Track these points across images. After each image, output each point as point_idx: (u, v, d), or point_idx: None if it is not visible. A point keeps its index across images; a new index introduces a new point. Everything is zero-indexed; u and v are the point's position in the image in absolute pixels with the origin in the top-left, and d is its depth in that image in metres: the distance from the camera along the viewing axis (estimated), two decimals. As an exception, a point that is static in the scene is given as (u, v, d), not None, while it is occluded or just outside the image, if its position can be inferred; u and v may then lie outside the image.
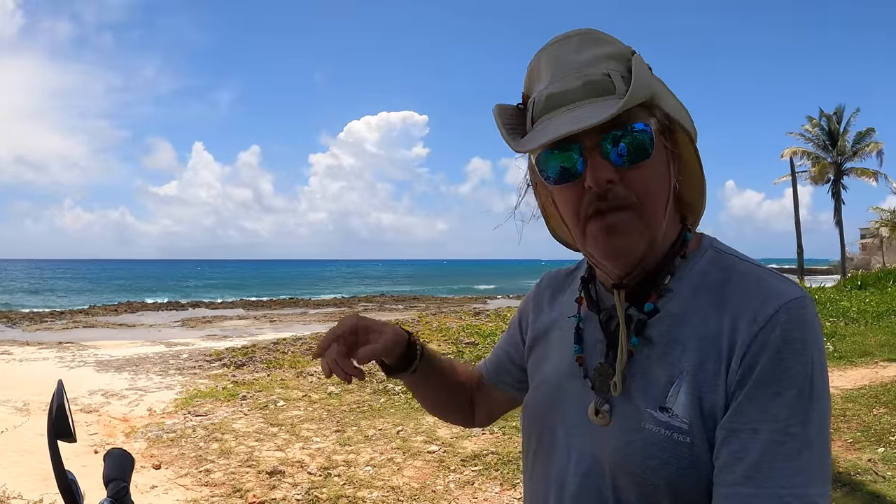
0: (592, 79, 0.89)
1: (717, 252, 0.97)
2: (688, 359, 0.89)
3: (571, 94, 0.89)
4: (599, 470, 0.95)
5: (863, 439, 6.03)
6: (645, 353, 0.94)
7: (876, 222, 45.30)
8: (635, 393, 0.93)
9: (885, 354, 10.26)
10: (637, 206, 0.90)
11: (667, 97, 0.94)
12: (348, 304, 35.59)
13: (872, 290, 19.68)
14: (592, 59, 0.90)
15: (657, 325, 0.94)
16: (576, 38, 0.92)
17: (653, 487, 0.88)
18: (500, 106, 0.99)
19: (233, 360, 11.67)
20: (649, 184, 0.90)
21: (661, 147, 0.92)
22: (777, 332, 0.83)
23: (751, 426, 0.83)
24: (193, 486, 5.51)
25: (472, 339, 12.52)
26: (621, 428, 0.93)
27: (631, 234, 0.90)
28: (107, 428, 7.40)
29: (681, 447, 0.87)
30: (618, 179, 0.89)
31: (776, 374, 0.83)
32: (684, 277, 0.95)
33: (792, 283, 0.90)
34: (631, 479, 0.90)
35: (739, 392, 0.84)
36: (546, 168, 0.93)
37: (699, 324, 0.90)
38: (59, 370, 11.33)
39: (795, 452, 0.80)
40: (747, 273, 0.92)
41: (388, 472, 5.72)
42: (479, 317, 18.00)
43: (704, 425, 0.86)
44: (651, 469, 0.88)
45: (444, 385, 1.27)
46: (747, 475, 0.81)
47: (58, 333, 20.20)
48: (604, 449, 0.94)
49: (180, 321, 24.74)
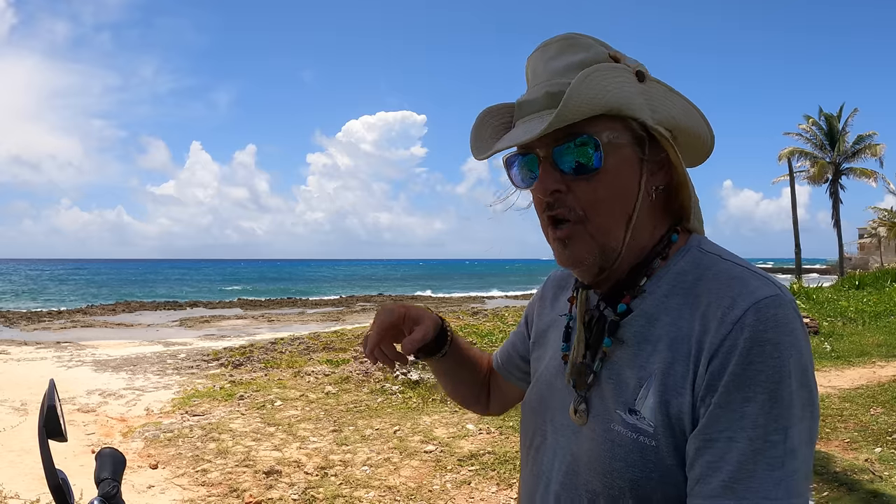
0: (552, 90, 0.90)
1: (701, 252, 0.95)
2: (658, 360, 0.88)
3: (534, 104, 0.92)
4: (576, 469, 0.96)
5: (860, 439, 6.03)
6: (618, 354, 0.94)
7: (874, 222, 45.36)
8: (608, 394, 0.93)
9: (883, 354, 10.28)
10: (582, 218, 0.91)
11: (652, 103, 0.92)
12: (346, 303, 35.52)
13: (870, 290, 19.70)
14: (564, 67, 0.91)
15: (630, 326, 0.93)
16: (556, 45, 0.94)
17: (619, 489, 0.88)
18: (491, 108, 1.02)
19: (230, 360, 11.65)
20: (598, 195, 0.90)
21: (626, 157, 0.91)
22: (746, 334, 0.80)
23: (725, 434, 0.79)
24: (190, 485, 5.50)
25: (471, 338, 12.52)
26: (594, 428, 0.94)
27: (579, 245, 0.92)
28: (104, 428, 7.39)
29: (646, 450, 0.86)
30: (566, 189, 0.91)
31: (746, 379, 0.79)
32: (662, 278, 0.94)
33: (768, 281, 0.86)
34: (600, 479, 0.91)
35: (710, 398, 0.81)
36: (510, 172, 0.99)
37: (670, 324, 0.89)
38: (57, 370, 11.31)
39: (778, 462, 0.77)
40: (722, 272, 0.89)
41: (384, 471, 5.71)
42: (478, 316, 17.99)
43: (671, 429, 0.85)
44: (616, 471, 0.88)
45: (468, 371, 1.31)
46: (726, 486, 0.78)
47: (55, 333, 20.16)
48: (580, 448, 0.95)
49: (178, 321, 24.68)
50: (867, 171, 36.43)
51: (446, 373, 1.29)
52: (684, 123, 0.95)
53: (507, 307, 22.29)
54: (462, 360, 1.28)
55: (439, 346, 1.20)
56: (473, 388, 1.35)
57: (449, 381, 1.33)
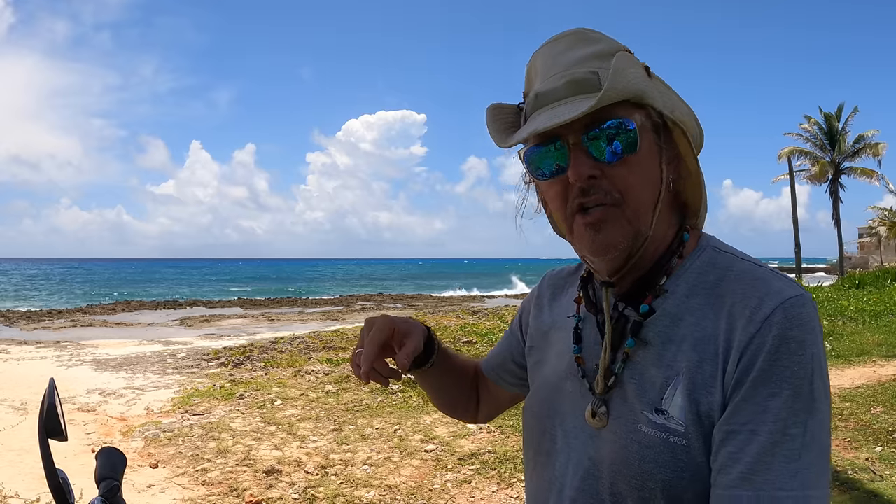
0: (576, 77, 0.90)
1: (716, 251, 0.96)
2: (684, 360, 0.88)
3: (556, 92, 0.91)
4: (597, 474, 0.94)
5: (860, 438, 6.03)
6: (641, 355, 0.93)
7: (874, 221, 45.35)
8: (631, 395, 0.92)
9: (883, 353, 10.26)
10: (619, 201, 0.90)
11: (664, 96, 0.94)
12: (346, 303, 35.53)
13: (870, 289, 19.69)
14: (580, 58, 0.92)
15: (653, 326, 0.93)
16: (567, 38, 0.94)
17: (650, 491, 0.87)
18: (496, 105, 1.01)
19: (230, 359, 11.66)
20: (632, 179, 0.90)
21: (651, 144, 0.92)
22: (774, 332, 0.82)
23: (748, 427, 0.81)
24: (190, 485, 5.50)
25: (470, 338, 12.52)
26: (617, 430, 0.92)
27: (614, 228, 0.91)
28: (104, 427, 7.39)
29: (677, 450, 0.86)
30: (600, 174, 0.90)
31: (773, 375, 0.81)
32: (681, 277, 0.94)
33: (791, 282, 0.88)
34: (628, 482, 0.89)
35: (737, 393, 0.83)
36: (532, 163, 0.95)
37: (695, 324, 0.89)
38: (57, 369, 11.30)
39: (795, 454, 0.79)
40: (744, 272, 0.91)
41: (385, 471, 5.71)
42: (477, 316, 18.00)
43: (701, 427, 0.85)
44: (647, 472, 0.87)
45: (455, 380, 1.29)
46: (744, 477, 0.80)
47: (55, 332, 20.17)
48: (601, 452, 0.94)
49: (178, 320, 24.69)
50: (867, 170, 36.41)
51: (433, 382, 1.27)
52: (685, 119, 0.96)
53: (508, 306, 22.30)
54: (449, 368, 1.25)
55: (428, 356, 1.17)
56: (461, 397, 1.32)
57: (436, 390, 1.30)
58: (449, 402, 1.34)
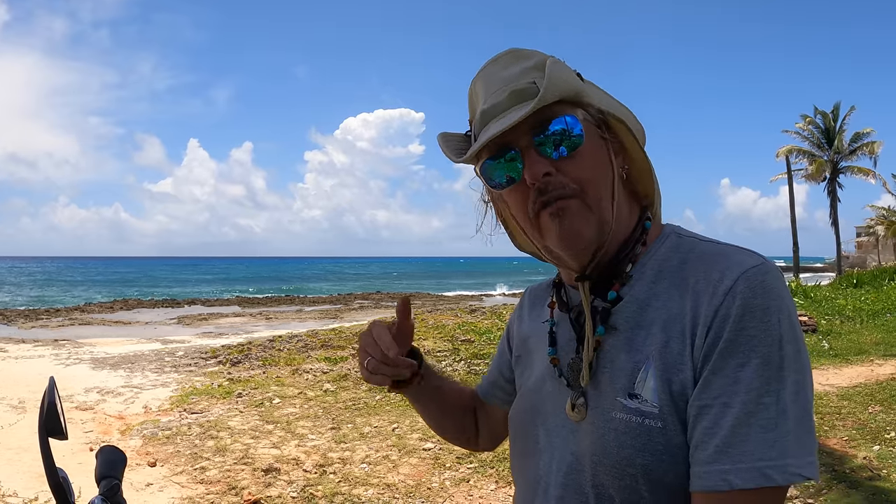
0: (516, 88, 0.94)
1: (679, 236, 0.99)
2: (653, 342, 0.90)
3: (500, 105, 0.94)
4: (579, 467, 0.95)
5: (858, 437, 6.04)
6: (611, 342, 0.95)
7: (872, 220, 45.41)
8: (604, 383, 0.94)
9: (881, 352, 10.29)
10: (577, 192, 0.93)
11: (598, 95, 0.99)
12: (344, 301, 35.55)
13: (868, 289, 19.74)
14: (518, 72, 0.95)
15: (621, 313, 0.95)
16: (503, 58, 0.98)
17: (630, 477, 0.88)
18: (445, 134, 1.05)
19: (228, 358, 11.65)
20: (586, 171, 0.93)
21: (596, 137, 0.95)
22: (738, 302, 0.83)
23: (721, 400, 0.81)
24: (189, 483, 5.50)
25: (468, 336, 12.52)
26: (595, 421, 0.93)
27: (578, 217, 0.93)
28: (102, 425, 7.38)
29: (653, 432, 0.87)
30: (555, 171, 0.93)
31: (740, 344, 0.82)
32: (647, 264, 0.97)
33: (752, 253, 0.90)
34: (608, 471, 0.90)
35: (706, 367, 0.84)
36: (490, 176, 0.98)
37: (662, 307, 0.91)
38: (55, 368, 11.29)
39: (771, 423, 0.79)
40: (706, 251, 0.93)
41: (383, 469, 5.71)
42: (475, 314, 17.99)
43: (675, 407, 0.86)
44: (626, 459, 0.88)
45: (447, 400, 1.30)
46: (721, 450, 0.80)
47: (53, 331, 20.13)
48: (581, 445, 0.95)
49: (176, 318, 24.67)
50: (865, 169, 36.46)
51: (423, 402, 1.28)
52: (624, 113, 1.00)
53: (506, 305, 22.30)
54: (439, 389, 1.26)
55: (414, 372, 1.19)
56: (456, 421, 1.33)
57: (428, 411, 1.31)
58: (443, 424, 1.35)
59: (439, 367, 1.36)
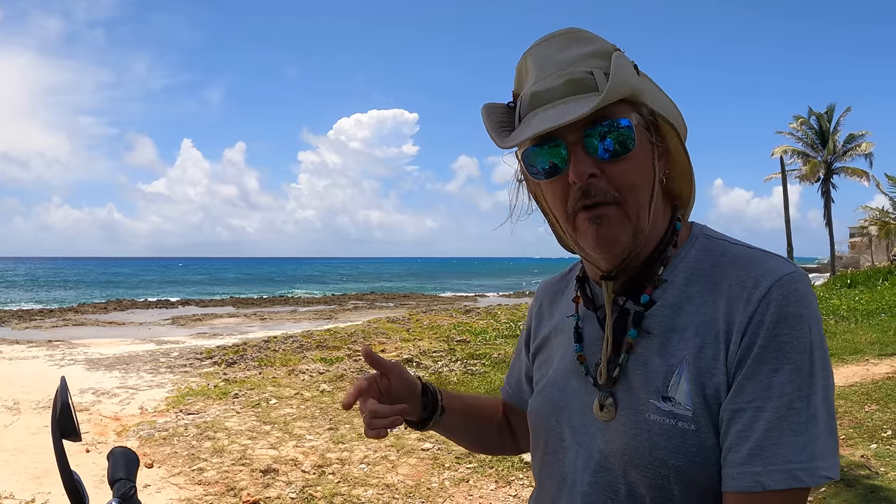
0: (574, 77, 0.91)
1: (708, 238, 0.99)
2: (686, 346, 0.90)
3: (554, 91, 0.91)
4: (609, 466, 0.95)
5: (855, 436, 6.06)
6: (644, 345, 0.95)
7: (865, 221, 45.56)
8: (637, 385, 0.94)
9: (876, 352, 10.32)
10: (618, 200, 0.91)
11: (652, 93, 0.96)
12: (338, 301, 35.45)
13: (862, 289, 19.83)
14: (575, 57, 0.92)
15: (654, 317, 0.95)
16: (560, 38, 0.94)
17: (663, 478, 0.89)
18: (489, 105, 1.02)
19: (224, 359, 11.62)
20: (631, 177, 0.92)
21: (645, 142, 0.94)
22: (772, 309, 0.85)
23: (754, 404, 0.83)
24: (187, 484, 5.47)
25: (464, 336, 12.52)
26: (626, 421, 0.93)
27: (616, 225, 0.92)
28: (98, 427, 7.34)
29: (687, 435, 0.88)
30: (599, 173, 0.91)
31: (774, 351, 0.84)
32: (678, 266, 0.97)
33: (784, 260, 0.91)
34: (641, 471, 0.91)
35: (740, 372, 0.85)
36: (532, 163, 0.96)
37: (695, 311, 0.92)
38: (49, 368, 11.24)
39: (802, 427, 0.81)
40: (738, 255, 0.94)
41: (382, 469, 5.70)
42: (470, 314, 18.00)
43: (708, 411, 0.87)
44: (659, 460, 0.89)
45: (476, 420, 1.29)
46: (754, 453, 0.82)
47: (47, 332, 20.02)
48: (611, 444, 0.95)
49: (170, 319, 24.56)
50: (859, 170, 36.54)
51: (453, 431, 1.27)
52: (673, 114, 0.99)
53: (500, 305, 22.31)
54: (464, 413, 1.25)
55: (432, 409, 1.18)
56: (491, 435, 1.31)
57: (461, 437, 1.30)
58: (480, 443, 1.34)
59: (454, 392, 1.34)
